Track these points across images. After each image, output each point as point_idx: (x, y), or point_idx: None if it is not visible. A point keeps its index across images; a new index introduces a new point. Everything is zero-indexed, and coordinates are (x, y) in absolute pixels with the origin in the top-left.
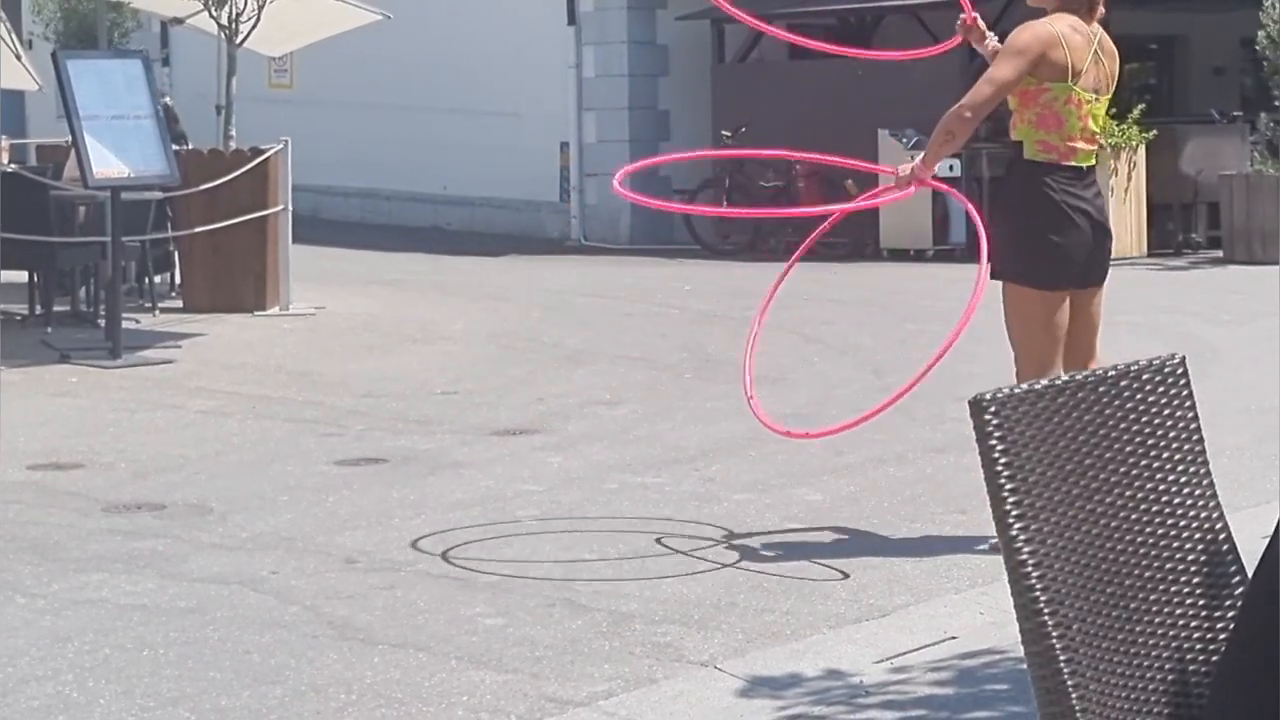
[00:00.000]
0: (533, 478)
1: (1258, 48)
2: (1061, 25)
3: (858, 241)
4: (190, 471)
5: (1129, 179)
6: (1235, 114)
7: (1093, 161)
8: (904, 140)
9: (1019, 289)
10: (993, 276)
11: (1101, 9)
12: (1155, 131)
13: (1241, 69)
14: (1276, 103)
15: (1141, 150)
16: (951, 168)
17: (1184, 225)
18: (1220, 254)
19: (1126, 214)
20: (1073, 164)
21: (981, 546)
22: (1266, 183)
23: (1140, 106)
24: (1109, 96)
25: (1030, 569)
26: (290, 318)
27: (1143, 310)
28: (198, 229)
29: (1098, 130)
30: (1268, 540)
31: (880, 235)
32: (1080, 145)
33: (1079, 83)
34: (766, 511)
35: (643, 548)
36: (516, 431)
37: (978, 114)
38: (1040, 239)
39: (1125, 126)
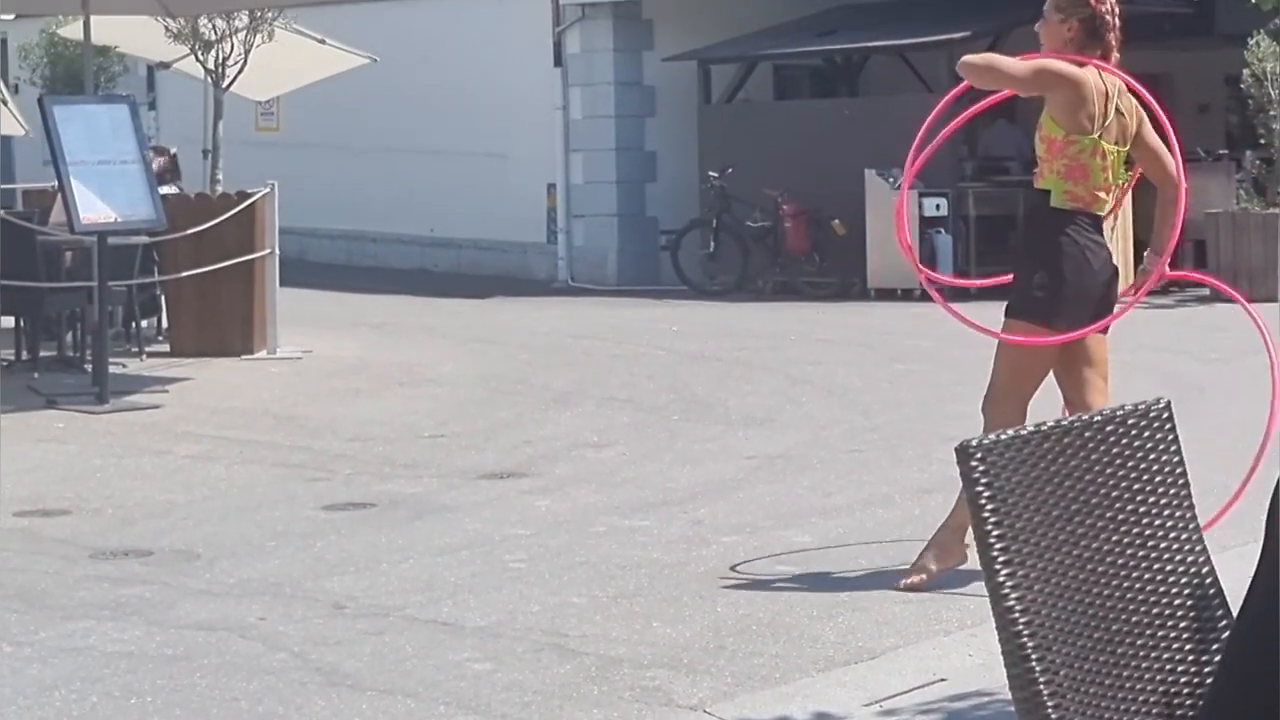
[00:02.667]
0: (521, 521)
1: (1242, 86)
2: (1090, 73)
3: (845, 281)
4: (177, 517)
5: (1115, 217)
6: (1221, 152)
7: (1108, 209)
8: (890, 180)
9: (1027, 328)
10: (1006, 314)
11: (1116, 54)
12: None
13: (1226, 107)
14: (1261, 140)
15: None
16: (938, 206)
17: (1170, 263)
18: (1207, 292)
19: (1113, 252)
20: (1094, 211)
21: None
22: (1252, 220)
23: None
24: (1127, 149)
25: (1017, 614)
26: (277, 361)
27: (1129, 348)
28: (184, 273)
29: (1116, 181)
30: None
31: (867, 275)
32: (1102, 195)
33: (1104, 136)
34: (755, 554)
35: (631, 591)
36: (504, 474)
37: (1002, 74)
38: (1059, 280)
39: None
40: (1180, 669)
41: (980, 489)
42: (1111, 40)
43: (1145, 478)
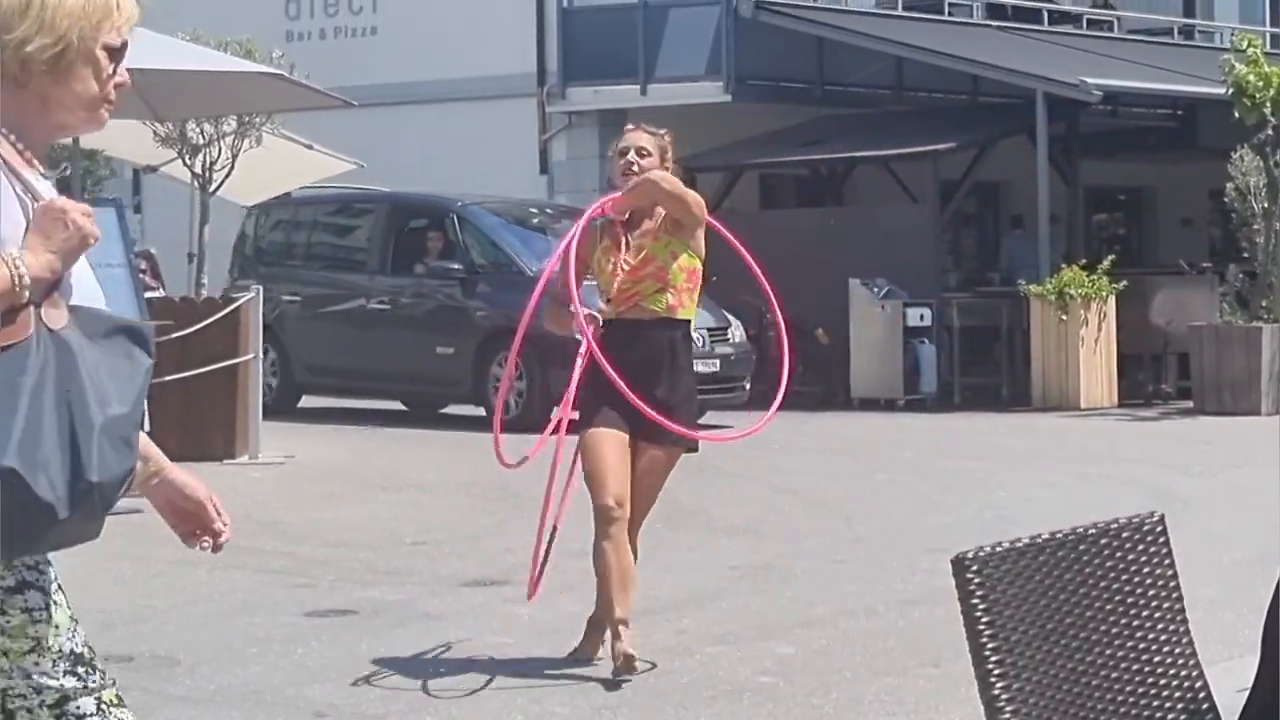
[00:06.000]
0: (503, 629)
1: (1226, 200)
2: None
3: (828, 390)
4: (158, 622)
5: (1099, 329)
6: (1204, 265)
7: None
8: (875, 289)
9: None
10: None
11: None
12: (1125, 282)
13: (1210, 220)
14: (1245, 254)
15: (1111, 301)
16: (922, 316)
17: (1154, 376)
18: (1191, 404)
19: (1097, 364)
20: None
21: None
22: (1236, 333)
23: (1110, 258)
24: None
25: None
26: (260, 466)
27: (1113, 461)
28: (168, 377)
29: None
30: (1247, 692)
31: (851, 384)
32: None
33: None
34: (738, 664)
35: (614, 702)
36: (487, 582)
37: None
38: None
39: (1095, 277)
40: None
41: (976, 602)
42: None
43: (1139, 591)
